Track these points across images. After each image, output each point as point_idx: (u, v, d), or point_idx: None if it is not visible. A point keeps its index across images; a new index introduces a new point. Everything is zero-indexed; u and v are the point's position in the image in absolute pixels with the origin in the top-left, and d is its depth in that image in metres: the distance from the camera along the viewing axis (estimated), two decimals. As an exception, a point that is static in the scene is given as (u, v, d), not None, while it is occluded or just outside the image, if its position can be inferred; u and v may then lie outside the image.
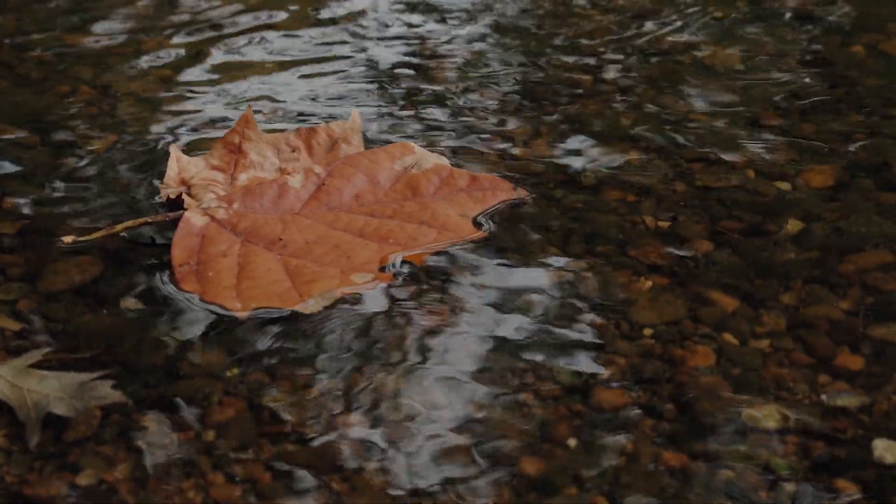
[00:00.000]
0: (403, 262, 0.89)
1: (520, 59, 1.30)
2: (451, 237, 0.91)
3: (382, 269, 0.87)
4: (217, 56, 1.32)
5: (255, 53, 1.33)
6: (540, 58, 1.29)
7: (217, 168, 0.98)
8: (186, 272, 0.87)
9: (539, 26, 1.40)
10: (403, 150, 0.98)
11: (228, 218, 0.92)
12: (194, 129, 1.13)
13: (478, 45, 1.34)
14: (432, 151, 1.00)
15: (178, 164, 0.99)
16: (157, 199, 0.99)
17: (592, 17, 1.42)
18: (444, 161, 0.98)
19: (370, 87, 1.22)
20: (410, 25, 1.42)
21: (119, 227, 0.93)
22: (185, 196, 0.94)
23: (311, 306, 0.83)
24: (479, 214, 0.94)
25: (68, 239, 0.92)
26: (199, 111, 1.18)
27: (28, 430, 0.73)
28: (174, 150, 1.00)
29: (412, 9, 1.47)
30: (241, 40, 1.37)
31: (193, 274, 0.87)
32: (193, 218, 0.92)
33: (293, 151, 1.00)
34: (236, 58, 1.32)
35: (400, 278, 0.87)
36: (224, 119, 1.15)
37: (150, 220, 0.94)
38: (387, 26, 1.41)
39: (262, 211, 0.93)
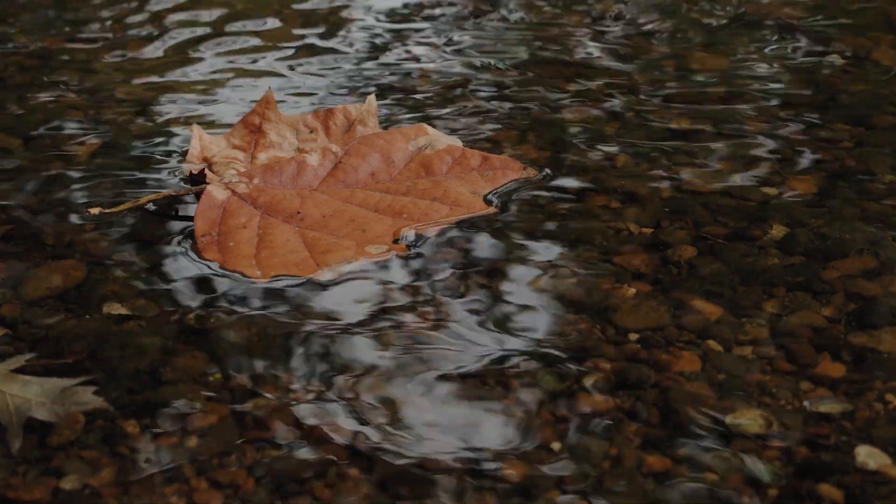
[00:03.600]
0: (416, 235, 0.92)
1: (505, 65, 1.30)
2: (462, 213, 0.95)
3: (396, 242, 0.91)
4: (201, 57, 1.32)
5: (241, 53, 1.33)
6: (524, 64, 1.29)
7: (237, 147, 1.03)
8: (208, 242, 0.91)
9: (523, 33, 1.41)
10: (418, 131, 1.02)
11: (249, 192, 0.96)
12: (182, 131, 1.13)
13: (462, 51, 1.34)
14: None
15: (201, 143, 1.03)
16: (177, 174, 1.04)
17: (577, 23, 1.43)
18: (457, 142, 1.02)
19: (355, 87, 1.23)
20: (397, 32, 1.42)
21: (144, 199, 0.98)
22: (207, 171, 0.99)
23: (326, 275, 0.87)
24: (490, 192, 0.98)
25: (95, 210, 0.96)
26: (186, 111, 1.17)
27: (10, 435, 0.72)
28: (196, 129, 1.04)
29: (403, 18, 1.48)
30: (225, 42, 1.37)
31: (215, 244, 0.91)
32: (215, 192, 0.96)
33: (311, 132, 1.04)
34: (222, 59, 1.32)
35: (412, 251, 0.90)
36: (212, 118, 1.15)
37: (174, 193, 0.98)
38: (374, 34, 1.42)
39: (280, 186, 0.98)
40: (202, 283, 0.88)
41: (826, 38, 1.35)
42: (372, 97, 1.06)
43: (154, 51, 1.37)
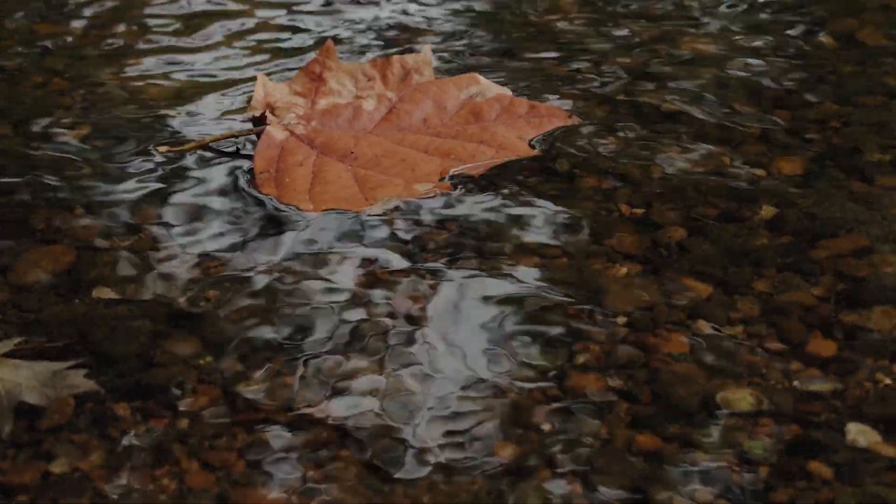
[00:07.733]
0: (461, 175, 0.98)
1: (495, 47, 1.30)
2: (507, 155, 1.01)
3: (441, 180, 0.97)
4: (186, 46, 1.32)
5: (227, 43, 1.33)
6: (516, 46, 1.29)
7: (299, 94, 1.09)
8: (266, 178, 0.98)
9: (515, 14, 1.40)
10: (470, 80, 1.09)
11: (306, 133, 1.03)
12: (171, 117, 1.13)
13: (452, 31, 1.34)
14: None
15: (265, 89, 1.09)
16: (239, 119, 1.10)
17: (569, 5, 1.42)
18: (507, 91, 1.08)
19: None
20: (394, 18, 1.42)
21: (209, 138, 1.06)
22: (268, 114, 1.05)
23: (374, 209, 0.93)
24: (535, 138, 1.03)
25: (163, 149, 1.04)
26: (175, 100, 1.17)
27: (0, 419, 0.72)
28: (261, 77, 1.11)
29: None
30: (209, 26, 1.36)
31: (272, 180, 0.98)
32: (274, 132, 1.03)
33: (369, 80, 1.09)
34: (208, 46, 1.32)
35: (457, 189, 0.96)
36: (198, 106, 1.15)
37: (237, 134, 1.06)
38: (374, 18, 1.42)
39: (337, 129, 1.04)
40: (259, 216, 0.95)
41: (813, 17, 1.35)
42: (428, 47, 1.12)
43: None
